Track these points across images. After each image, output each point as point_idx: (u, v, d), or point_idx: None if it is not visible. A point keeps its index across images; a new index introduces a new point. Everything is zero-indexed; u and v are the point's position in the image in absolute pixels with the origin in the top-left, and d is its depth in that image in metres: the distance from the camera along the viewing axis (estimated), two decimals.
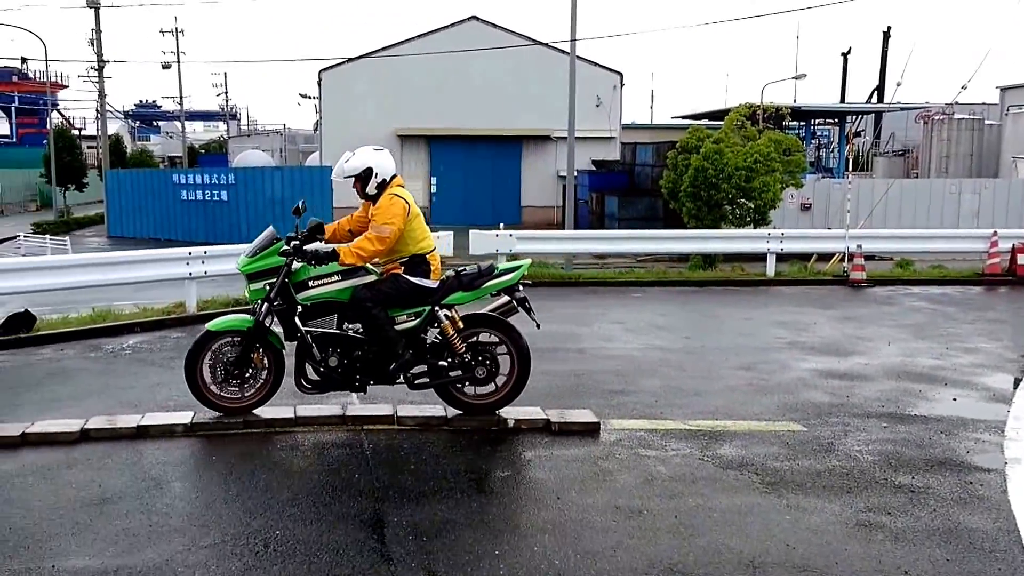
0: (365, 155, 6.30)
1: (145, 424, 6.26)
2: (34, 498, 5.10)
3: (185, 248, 12.61)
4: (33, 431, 6.12)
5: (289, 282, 6.18)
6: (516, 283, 6.47)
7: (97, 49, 42.69)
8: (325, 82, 36.87)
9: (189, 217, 31.63)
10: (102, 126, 45.95)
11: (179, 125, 65.11)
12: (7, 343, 10.02)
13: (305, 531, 4.60)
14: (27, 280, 10.93)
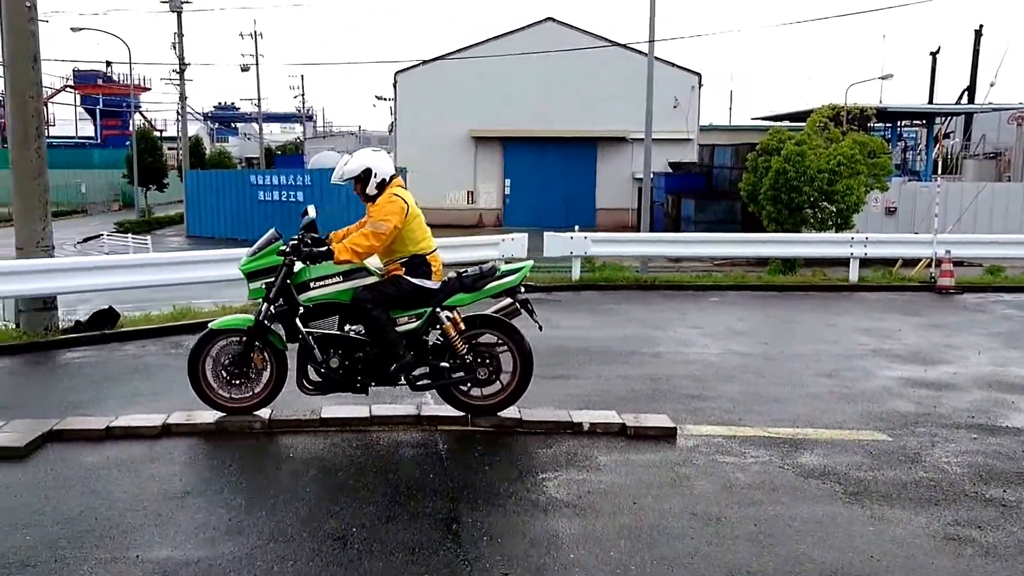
0: (363, 156, 6.39)
1: (224, 420, 6.43)
2: (118, 490, 5.28)
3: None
4: (117, 425, 6.34)
5: (291, 283, 6.27)
6: (518, 285, 6.48)
7: (179, 52, 44.02)
8: (400, 84, 37.36)
9: (265, 217, 32.31)
10: (183, 128, 47.34)
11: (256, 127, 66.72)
12: (92, 339, 10.40)
13: (381, 530, 4.67)
14: (110, 278, 11.33)
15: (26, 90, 10.51)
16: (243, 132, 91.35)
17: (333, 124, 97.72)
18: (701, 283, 15.54)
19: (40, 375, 9.04)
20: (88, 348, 10.03)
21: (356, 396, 6.61)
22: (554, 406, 7.00)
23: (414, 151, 35.81)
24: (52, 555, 4.36)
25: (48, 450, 5.99)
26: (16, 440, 5.96)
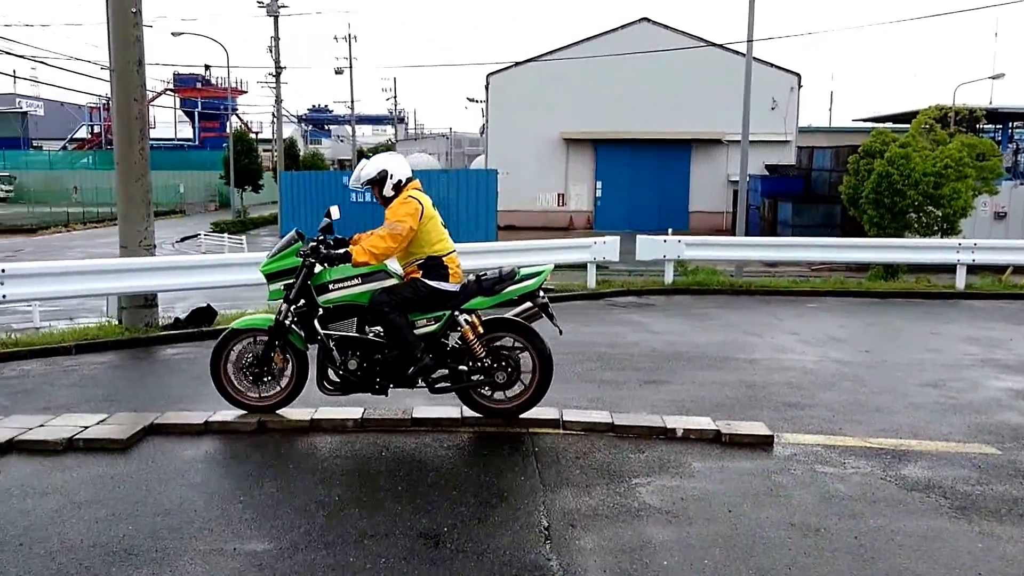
0: (379, 160, 6.49)
1: (317, 418, 6.57)
2: (216, 483, 5.46)
3: None
4: (215, 420, 6.54)
5: (311, 285, 6.36)
6: (537, 288, 6.50)
7: (275, 56, 45.24)
8: (492, 85, 37.62)
9: (357, 218, 32.86)
10: (278, 130, 48.64)
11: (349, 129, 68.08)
12: (190, 336, 10.77)
13: (473, 531, 4.70)
14: (207, 276, 11.73)
15: (131, 93, 10.95)
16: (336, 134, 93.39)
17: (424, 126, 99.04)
18: (798, 288, 15.20)
19: (140, 370, 9.40)
20: (186, 344, 10.38)
21: (449, 397, 6.68)
22: (647, 411, 6.95)
23: (505, 153, 36.02)
24: (154, 545, 4.52)
25: (149, 443, 6.22)
26: (119, 432, 6.21)
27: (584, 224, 37.03)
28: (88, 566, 4.28)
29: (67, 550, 4.46)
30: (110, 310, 12.42)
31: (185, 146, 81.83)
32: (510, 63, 37.80)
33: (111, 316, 12.52)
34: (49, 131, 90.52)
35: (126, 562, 4.33)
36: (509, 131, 36.67)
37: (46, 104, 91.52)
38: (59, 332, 11.17)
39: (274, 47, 45.40)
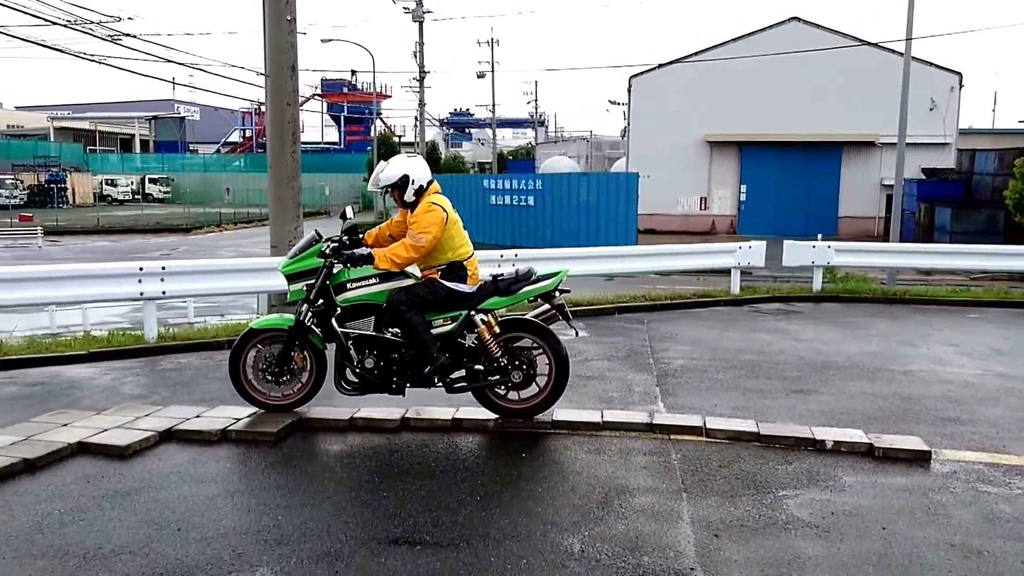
0: (400, 164, 6.50)
1: (459, 417, 6.70)
2: (362, 477, 5.62)
3: (497, 251, 13.32)
4: (359, 416, 6.75)
5: (330, 284, 6.44)
6: (554, 289, 6.57)
7: (419, 60, 46.38)
8: (635, 88, 37.39)
9: (496, 220, 33.32)
10: (420, 133, 49.83)
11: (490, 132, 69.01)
12: None
13: (616, 537, 4.68)
14: None
15: (284, 98, 11.44)
16: (476, 137, 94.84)
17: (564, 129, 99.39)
18: (957, 298, 14.44)
19: None
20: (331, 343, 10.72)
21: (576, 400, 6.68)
22: (794, 421, 6.75)
23: (646, 156, 35.74)
24: (303, 535, 4.70)
25: (297, 436, 6.47)
26: (269, 426, 6.49)
27: (727, 228, 36.31)
28: (241, 553, 4.49)
29: (221, 536, 4.69)
30: (261, 307, 12.98)
31: (331, 149, 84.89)
32: (653, 65, 37.47)
33: (262, 313, 13.08)
34: (204, 135, 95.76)
35: (276, 550, 4.51)
36: (651, 133, 36.36)
37: (202, 109, 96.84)
38: (212, 328, 11.75)
39: (418, 52, 46.56)
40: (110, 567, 4.31)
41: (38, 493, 5.30)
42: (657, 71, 37.09)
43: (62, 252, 33.29)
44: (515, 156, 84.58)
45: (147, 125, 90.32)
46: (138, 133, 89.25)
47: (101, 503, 5.16)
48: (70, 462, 5.84)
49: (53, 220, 45.01)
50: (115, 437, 6.15)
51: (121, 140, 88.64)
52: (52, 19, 15.71)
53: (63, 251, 33.58)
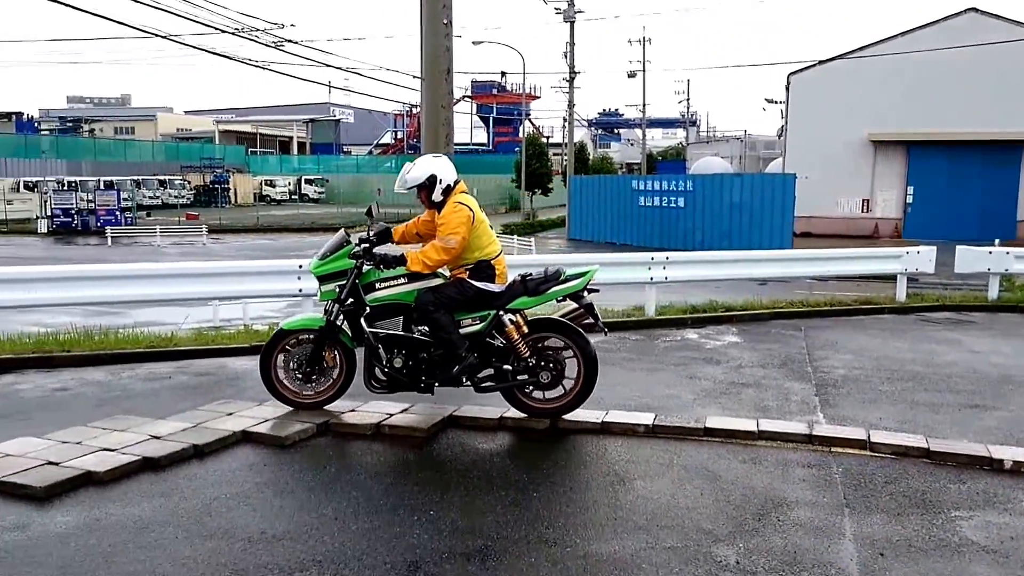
0: (427, 164, 6.57)
1: (608, 420, 6.69)
2: (511, 477, 5.68)
3: (648, 253, 13.24)
4: (509, 416, 6.82)
5: (359, 284, 6.51)
6: (582, 289, 6.63)
7: (569, 61, 46.54)
8: (794, 86, 36.32)
9: (644, 222, 33.04)
10: (569, 134, 49.95)
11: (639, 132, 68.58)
12: None
13: (775, 550, 4.57)
14: None
15: (439, 100, 11.71)
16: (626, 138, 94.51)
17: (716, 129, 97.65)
18: None
19: None
20: None
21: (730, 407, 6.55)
22: (967, 438, 6.41)
23: (805, 156, 34.61)
24: (448, 533, 4.80)
25: (447, 434, 6.62)
26: (420, 422, 6.67)
27: (891, 232, 34.73)
28: (395, 545, 4.61)
29: (376, 528, 4.83)
30: None
31: (479, 150, 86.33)
32: (813, 62, 36.26)
33: None
34: (358, 137, 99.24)
35: (428, 545, 4.61)
36: (810, 133, 35.20)
37: (356, 112, 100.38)
38: None
39: (569, 52, 46.74)
40: (273, 551, 4.52)
41: (206, 478, 5.63)
42: (818, 68, 35.87)
43: (224, 249, 35.14)
44: (664, 156, 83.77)
45: (304, 128, 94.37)
46: (296, 135, 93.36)
47: (264, 490, 5.43)
48: (235, 450, 6.17)
49: (217, 219, 47.57)
50: (276, 428, 6.46)
51: (280, 142, 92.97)
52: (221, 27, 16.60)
53: (225, 248, 35.44)
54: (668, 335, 11.20)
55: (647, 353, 9.98)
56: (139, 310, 12.26)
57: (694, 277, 13.17)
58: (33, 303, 10.00)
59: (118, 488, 5.40)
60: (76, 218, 41.07)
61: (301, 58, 24.74)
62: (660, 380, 8.55)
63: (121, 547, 4.57)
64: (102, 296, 10.26)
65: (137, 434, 6.20)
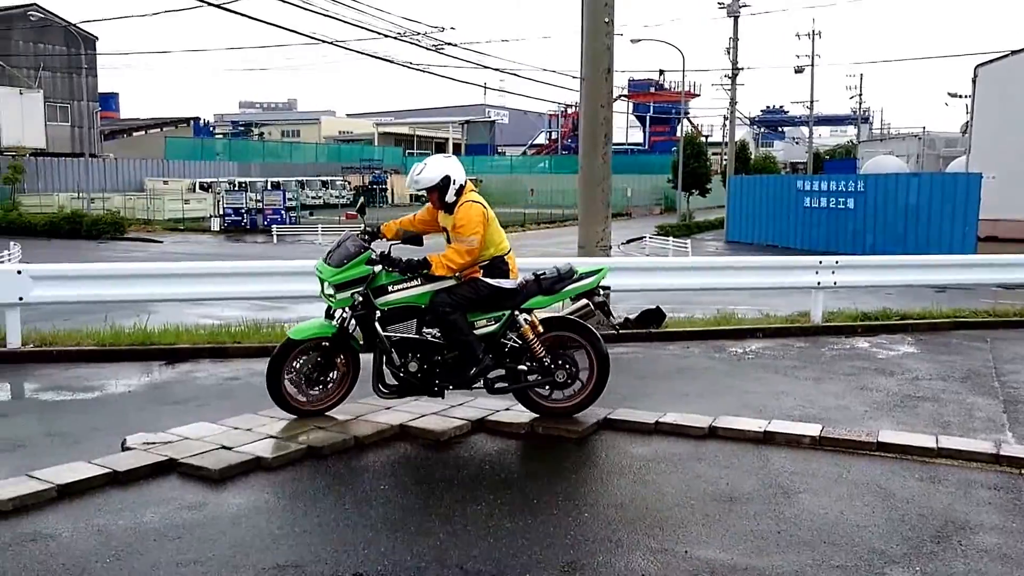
0: (439, 164, 6.47)
1: (772, 430, 6.50)
2: (666, 484, 5.61)
3: (815, 256, 12.81)
4: (665, 421, 6.75)
5: (369, 287, 6.38)
6: (595, 287, 6.67)
7: (733, 57, 45.67)
8: (982, 78, 34.41)
9: (810, 224, 32.04)
10: (730, 133, 48.98)
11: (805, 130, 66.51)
12: (637, 336, 11.21)
13: (950, 571, 4.33)
14: (653, 279, 12.10)
15: (598, 100, 11.71)
16: (790, 136, 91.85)
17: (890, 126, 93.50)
18: None
19: None
20: (634, 344, 10.83)
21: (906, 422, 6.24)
22: None
23: (992, 154, 32.70)
24: (607, 535, 4.78)
25: (601, 436, 6.60)
26: (574, 424, 6.70)
27: None
28: (548, 545, 4.63)
29: (530, 527, 4.86)
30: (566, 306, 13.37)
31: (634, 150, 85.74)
32: (1004, 52, 34.23)
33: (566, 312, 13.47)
34: (512, 138, 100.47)
35: (581, 547, 4.61)
36: (1000, 129, 33.19)
37: (511, 113, 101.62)
38: None
39: (732, 48, 45.83)
40: (422, 545, 4.61)
41: (366, 469, 5.84)
42: (1009, 59, 33.83)
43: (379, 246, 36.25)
44: (832, 155, 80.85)
45: (460, 129, 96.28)
46: (451, 137, 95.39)
47: (421, 484, 5.59)
48: (393, 443, 6.37)
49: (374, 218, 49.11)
50: (432, 423, 6.63)
51: (436, 144, 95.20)
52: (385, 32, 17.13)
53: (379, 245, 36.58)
54: (836, 343, 10.81)
55: (813, 361, 9.66)
56: (302, 305, 12.80)
57: (866, 282, 12.67)
58: (203, 296, 10.71)
59: (284, 473, 5.68)
60: (245, 217, 43.35)
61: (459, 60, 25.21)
62: (827, 390, 8.26)
63: (288, 530, 4.80)
64: (266, 291, 10.85)
65: (304, 424, 6.50)
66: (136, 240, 39.13)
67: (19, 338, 9.55)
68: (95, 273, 10.56)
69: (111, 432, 6.46)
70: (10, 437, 6.64)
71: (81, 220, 40.85)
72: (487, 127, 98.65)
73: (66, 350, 9.47)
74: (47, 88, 55.55)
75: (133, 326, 10.50)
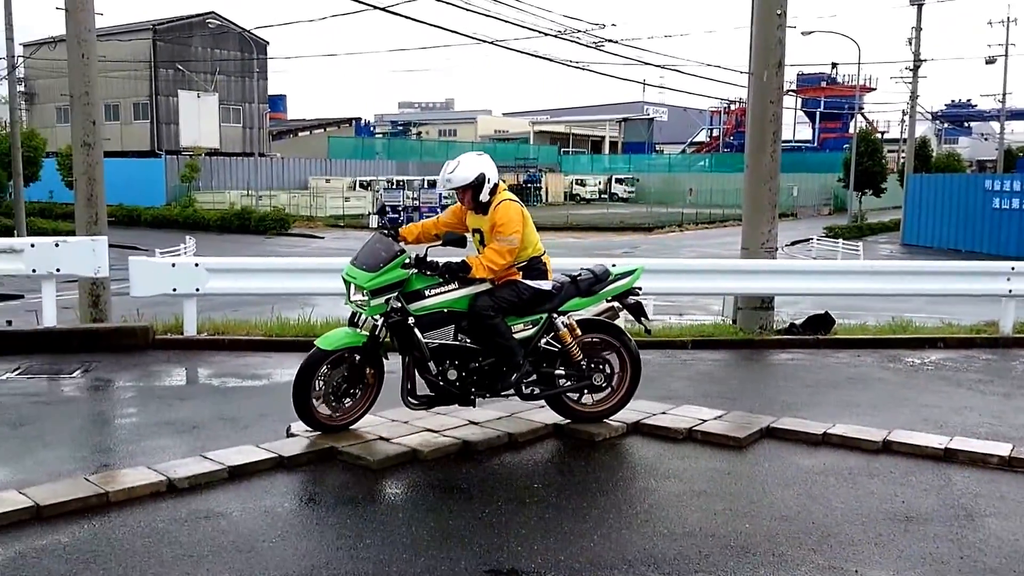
0: (473, 162, 6.26)
1: (954, 447, 6.18)
2: (835, 499, 5.41)
3: (1006, 262, 12.05)
4: (834, 432, 6.52)
5: (400, 293, 6.10)
6: (631, 288, 6.61)
7: (915, 48, 43.74)
8: None
9: (999, 227, 30.34)
10: (910, 129, 47.01)
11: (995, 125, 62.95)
12: (804, 342, 10.90)
13: None
14: (823, 283, 11.62)
15: (767, 96, 11.45)
16: (977, 131, 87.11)
17: None
18: None
19: (754, 371, 9.81)
20: (800, 351, 10.54)
21: None
22: None
23: None
24: (770, 548, 4.65)
25: (764, 445, 6.44)
26: (735, 430, 6.55)
27: None
28: (707, 555, 4.56)
29: (687, 535, 4.81)
30: (726, 310, 13.15)
31: (802, 148, 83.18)
32: None
33: (725, 316, 13.24)
34: (671, 135, 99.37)
35: (743, 559, 4.52)
36: None
37: (670, 110, 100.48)
38: (676, 328, 12.14)
39: (914, 39, 43.90)
40: (583, 545, 4.64)
41: (519, 467, 5.93)
42: None
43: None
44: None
45: (617, 127, 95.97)
46: (608, 135, 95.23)
47: (574, 484, 5.60)
48: (546, 441, 6.44)
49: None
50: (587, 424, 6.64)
51: (592, 142, 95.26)
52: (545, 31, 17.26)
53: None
54: None
55: (1001, 375, 9.16)
56: None
57: None
58: None
59: (439, 467, 5.84)
60: (402, 214, 44.63)
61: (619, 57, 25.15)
62: (1019, 406, 7.85)
63: (443, 523, 4.91)
64: None
65: (457, 419, 6.66)
66: (299, 236, 40.97)
67: (195, 326, 10.21)
68: (262, 267, 11.11)
69: (277, 419, 6.78)
70: (187, 419, 7.09)
71: (249, 216, 43.22)
72: (645, 125, 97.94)
73: (237, 339, 10.01)
74: (222, 91, 59.02)
75: (297, 318, 11.02)
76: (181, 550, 4.51)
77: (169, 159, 53.51)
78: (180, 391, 8.37)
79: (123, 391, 8.19)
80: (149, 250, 22.89)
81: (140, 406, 7.61)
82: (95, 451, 6.33)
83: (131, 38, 54.18)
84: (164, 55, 56.35)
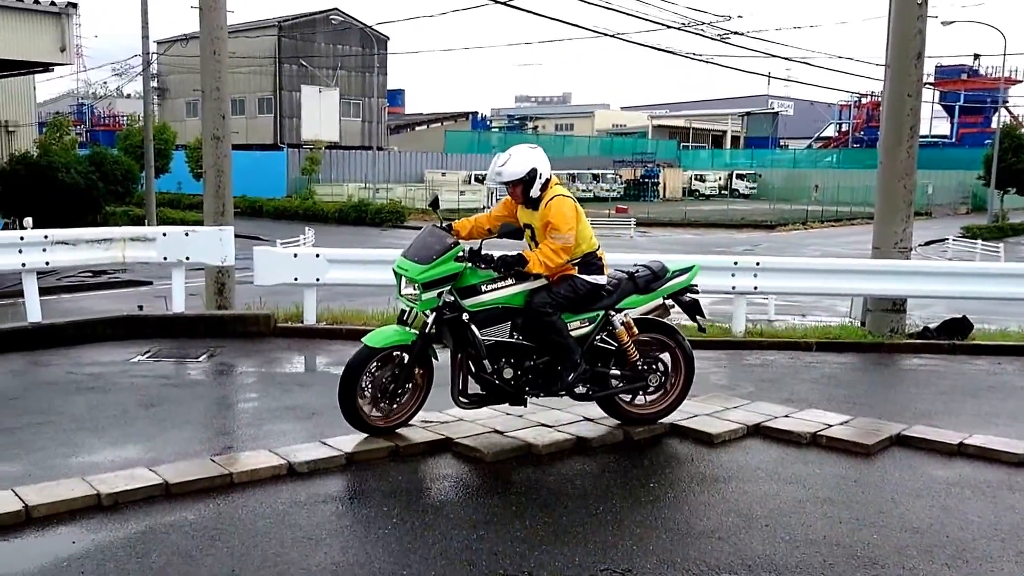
0: (525, 156, 6.09)
1: None
2: (971, 512, 5.19)
3: None
4: (971, 443, 6.26)
5: (453, 288, 5.94)
6: (688, 285, 6.52)
7: None
8: None
9: None
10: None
11: None
12: (938, 348, 10.51)
13: None
14: (960, 285, 11.19)
15: (905, 89, 11.08)
16: None
17: None
18: None
19: (883, 376, 9.51)
20: (933, 356, 10.18)
21: None
22: None
23: None
24: (900, 561, 4.49)
25: (893, 453, 6.24)
26: (863, 437, 6.36)
27: None
28: (831, 564, 4.44)
29: (810, 543, 4.69)
30: (854, 311, 12.78)
31: (939, 143, 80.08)
32: None
33: (853, 317, 12.87)
34: (797, 130, 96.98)
35: (870, 571, 4.38)
36: None
37: (796, 104, 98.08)
38: (800, 329, 11.86)
39: None
40: (700, 547, 4.60)
41: (635, 464, 5.91)
42: None
43: (649, 243, 36.33)
44: None
45: (739, 121, 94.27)
46: (730, 129, 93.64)
47: (691, 485, 5.55)
48: (664, 440, 6.40)
49: (644, 212, 49.40)
50: (705, 424, 6.57)
51: (712, 136, 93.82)
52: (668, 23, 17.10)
53: (650, 242, 36.65)
54: None
55: None
56: None
57: None
58: None
59: (553, 462, 5.87)
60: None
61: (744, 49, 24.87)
62: None
63: (560, 520, 4.91)
64: None
65: (571, 414, 6.68)
66: (414, 228, 41.46)
67: (314, 315, 10.53)
68: (379, 259, 11.30)
69: None
70: (306, 405, 7.30)
71: (366, 209, 44.19)
72: (770, 119, 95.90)
73: (354, 328, 10.24)
74: (342, 86, 60.51)
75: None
76: (300, 532, 4.66)
77: (291, 152, 55.17)
78: (300, 378, 8.62)
79: (246, 376, 8.50)
80: (270, 240, 23.60)
81: (261, 391, 7.89)
82: (219, 433, 6.60)
83: (258, 35, 56.15)
84: (288, 51, 58.09)
